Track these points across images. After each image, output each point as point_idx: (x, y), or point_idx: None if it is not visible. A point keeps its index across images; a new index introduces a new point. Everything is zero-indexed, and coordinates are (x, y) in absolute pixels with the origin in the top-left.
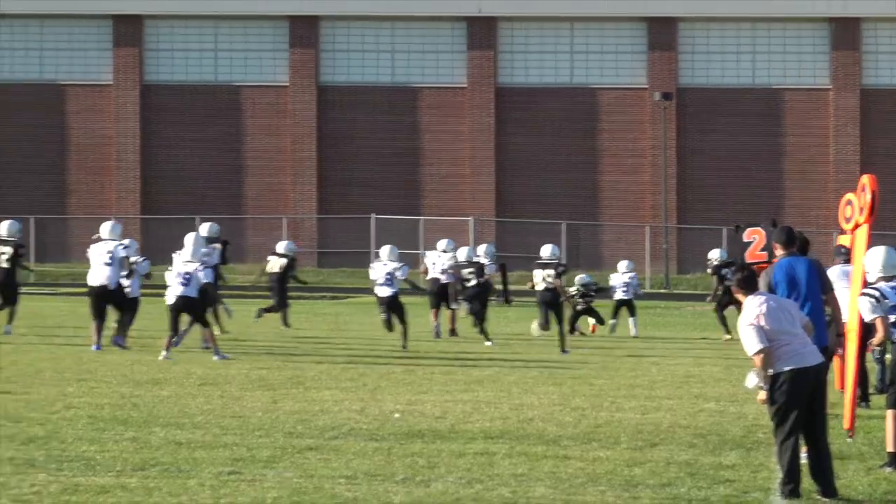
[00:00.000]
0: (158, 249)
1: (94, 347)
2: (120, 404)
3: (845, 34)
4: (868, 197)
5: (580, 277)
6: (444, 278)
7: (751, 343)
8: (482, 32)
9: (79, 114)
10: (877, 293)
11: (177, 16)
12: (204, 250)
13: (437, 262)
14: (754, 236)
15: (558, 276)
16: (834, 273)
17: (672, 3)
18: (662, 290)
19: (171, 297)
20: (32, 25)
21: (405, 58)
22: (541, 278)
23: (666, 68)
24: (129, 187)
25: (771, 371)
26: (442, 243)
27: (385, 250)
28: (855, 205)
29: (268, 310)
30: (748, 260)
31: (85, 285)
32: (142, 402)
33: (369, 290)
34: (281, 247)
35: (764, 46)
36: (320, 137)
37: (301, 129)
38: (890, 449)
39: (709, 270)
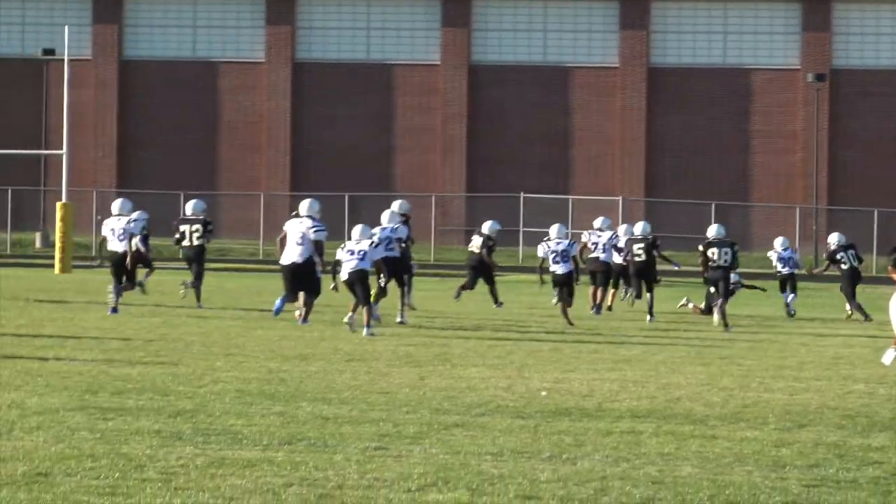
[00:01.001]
0: None
1: (299, 322)
2: (267, 379)
3: None
4: None
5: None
6: (604, 256)
7: None
8: (635, 12)
9: (231, 91)
10: None
11: None
12: (393, 225)
13: (598, 241)
14: None
15: (734, 255)
16: None
17: None
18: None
19: (344, 273)
20: (186, 3)
21: (557, 37)
22: (718, 257)
23: (819, 49)
24: (280, 164)
25: None
26: (598, 221)
27: (554, 229)
28: None
29: (463, 287)
30: None
31: (228, 260)
32: (289, 377)
33: (519, 269)
34: (485, 227)
35: None
36: (470, 116)
37: (451, 108)
38: None
39: (824, 255)
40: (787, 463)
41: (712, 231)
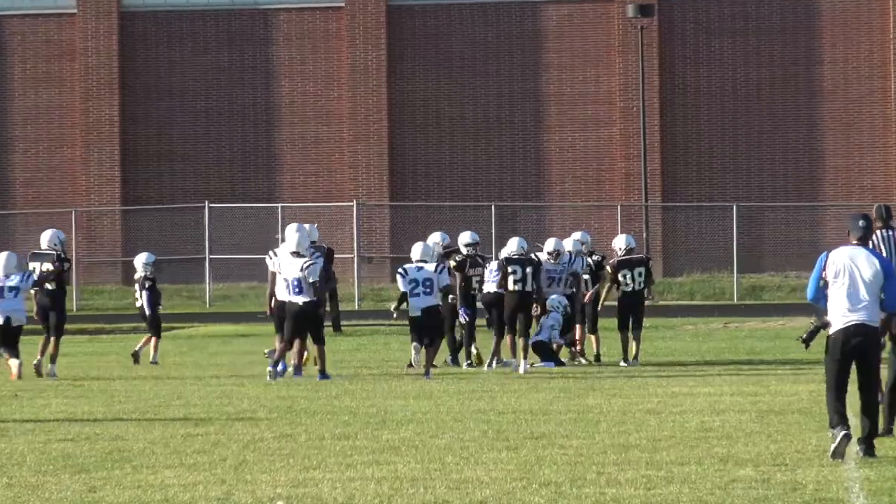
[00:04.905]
0: None
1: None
2: None
3: None
4: None
5: None
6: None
7: None
8: None
9: None
10: None
11: None
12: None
13: None
14: None
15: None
16: None
17: None
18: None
19: None
20: None
21: None
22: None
23: None
24: None
25: None
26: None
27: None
28: None
29: None
30: None
31: None
32: None
33: (207, 316)
34: None
35: None
36: (124, 90)
37: (95, 77)
38: None
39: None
40: None
41: (621, 242)
